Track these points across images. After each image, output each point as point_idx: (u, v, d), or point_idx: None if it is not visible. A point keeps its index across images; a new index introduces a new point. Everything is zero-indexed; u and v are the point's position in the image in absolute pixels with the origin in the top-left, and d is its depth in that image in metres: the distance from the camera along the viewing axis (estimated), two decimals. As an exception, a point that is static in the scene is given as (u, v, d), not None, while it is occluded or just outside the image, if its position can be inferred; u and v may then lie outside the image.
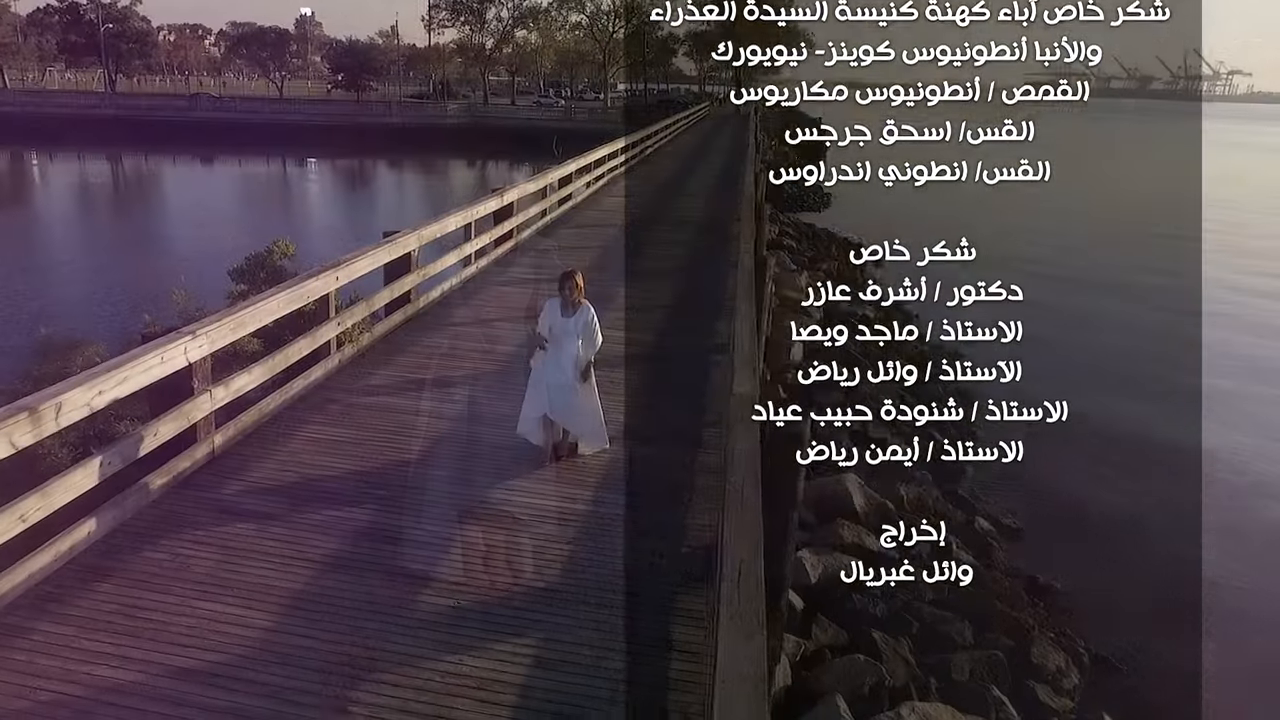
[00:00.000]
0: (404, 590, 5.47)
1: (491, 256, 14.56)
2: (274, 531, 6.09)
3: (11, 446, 5.04)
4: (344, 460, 7.25)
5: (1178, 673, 10.27)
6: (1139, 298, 29.79)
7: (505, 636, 5.06)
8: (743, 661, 3.16)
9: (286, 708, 4.43)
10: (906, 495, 11.81)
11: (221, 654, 4.81)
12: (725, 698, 3.07)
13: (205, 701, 4.45)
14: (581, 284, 7.41)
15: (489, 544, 6.04)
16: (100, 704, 4.40)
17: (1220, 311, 26.49)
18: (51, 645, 4.82)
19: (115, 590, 5.35)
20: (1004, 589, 10.84)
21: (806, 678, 7.57)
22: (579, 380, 7.31)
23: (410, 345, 10.31)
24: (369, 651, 4.86)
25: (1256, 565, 12.80)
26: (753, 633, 3.32)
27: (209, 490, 6.62)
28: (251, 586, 5.44)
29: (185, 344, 6.56)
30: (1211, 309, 26.62)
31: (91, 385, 5.66)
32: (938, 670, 8.59)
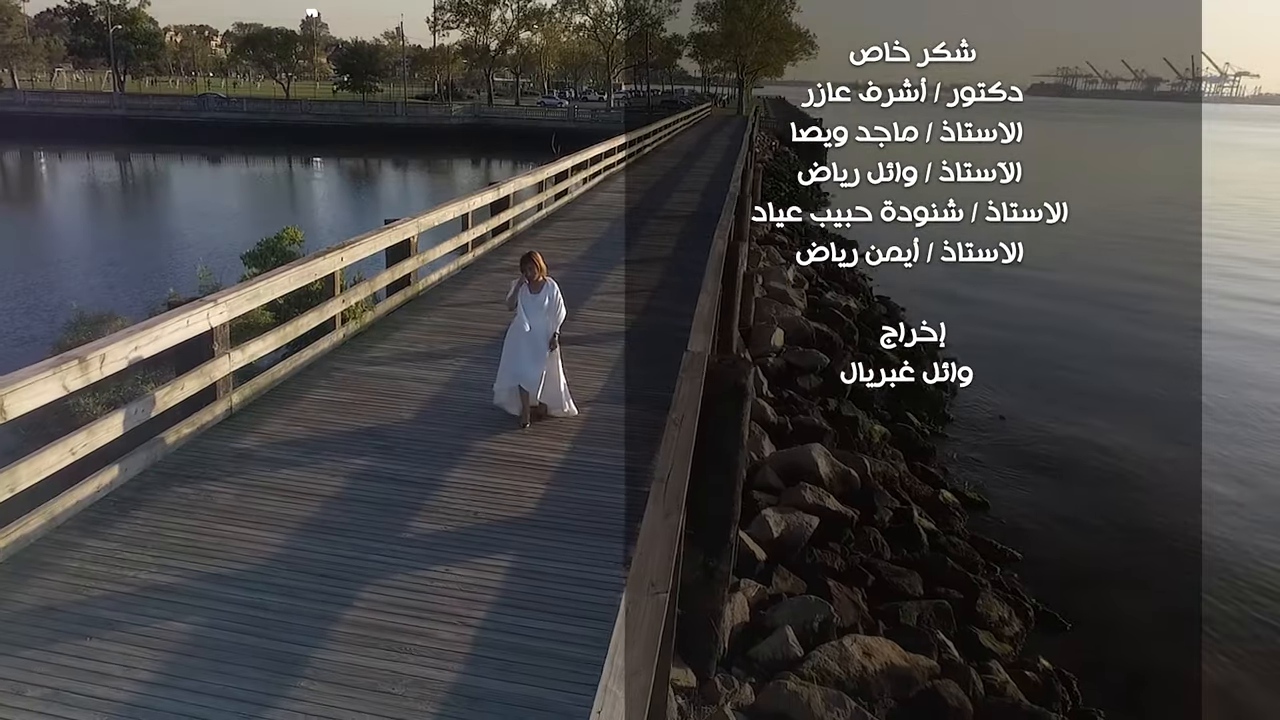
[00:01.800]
0: (397, 517, 6.32)
1: (488, 245, 15.41)
2: (285, 473, 6.95)
3: (64, 389, 5.90)
4: (347, 417, 8.11)
5: (1119, 629, 11.11)
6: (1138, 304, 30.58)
7: (486, 553, 5.90)
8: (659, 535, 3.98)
9: (299, 602, 5.27)
10: (872, 467, 12.60)
11: (242, 564, 5.66)
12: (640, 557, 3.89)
13: (231, 597, 5.30)
14: (542, 264, 8.12)
15: (471, 484, 6.89)
16: (142, 599, 5.25)
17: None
18: (98, 557, 5.68)
19: (149, 516, 6.21)
20: (960, 552, 11.65)
21: (763, 616, 8.40)
22: (546, 350, 8.07)
23: (409, 323, 11.17)
24: (366, 561, 5.72)
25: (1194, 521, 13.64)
26: (671, 511, 4.15)
27: (228, 440, 7.48)
28: (266, 515, 6.29)
29: (208, 310, 7.43)
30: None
31: (129, 341, 6.52)
32: (887, 615, 9.42)
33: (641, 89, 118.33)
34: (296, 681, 4.60)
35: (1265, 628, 11.22)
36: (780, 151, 68.13)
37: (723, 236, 11.26)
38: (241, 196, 52.36)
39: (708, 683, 7.04)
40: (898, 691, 7.85)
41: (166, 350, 7.10)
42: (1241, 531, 13.65)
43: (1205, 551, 12.92)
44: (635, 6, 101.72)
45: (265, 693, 4.50)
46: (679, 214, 21.90)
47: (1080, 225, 45.16)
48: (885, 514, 11.69)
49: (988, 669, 8.94)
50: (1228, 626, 11.22)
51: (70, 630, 4.93)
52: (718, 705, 6.77)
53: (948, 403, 18.38)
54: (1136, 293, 30.61)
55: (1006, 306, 27.47)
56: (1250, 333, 25.93)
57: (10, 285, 24.74)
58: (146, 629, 4.97)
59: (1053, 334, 24.85)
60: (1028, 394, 19.75)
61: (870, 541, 10.76)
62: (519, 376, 8.04)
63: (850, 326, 19.79)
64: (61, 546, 5.76)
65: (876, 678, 7.76)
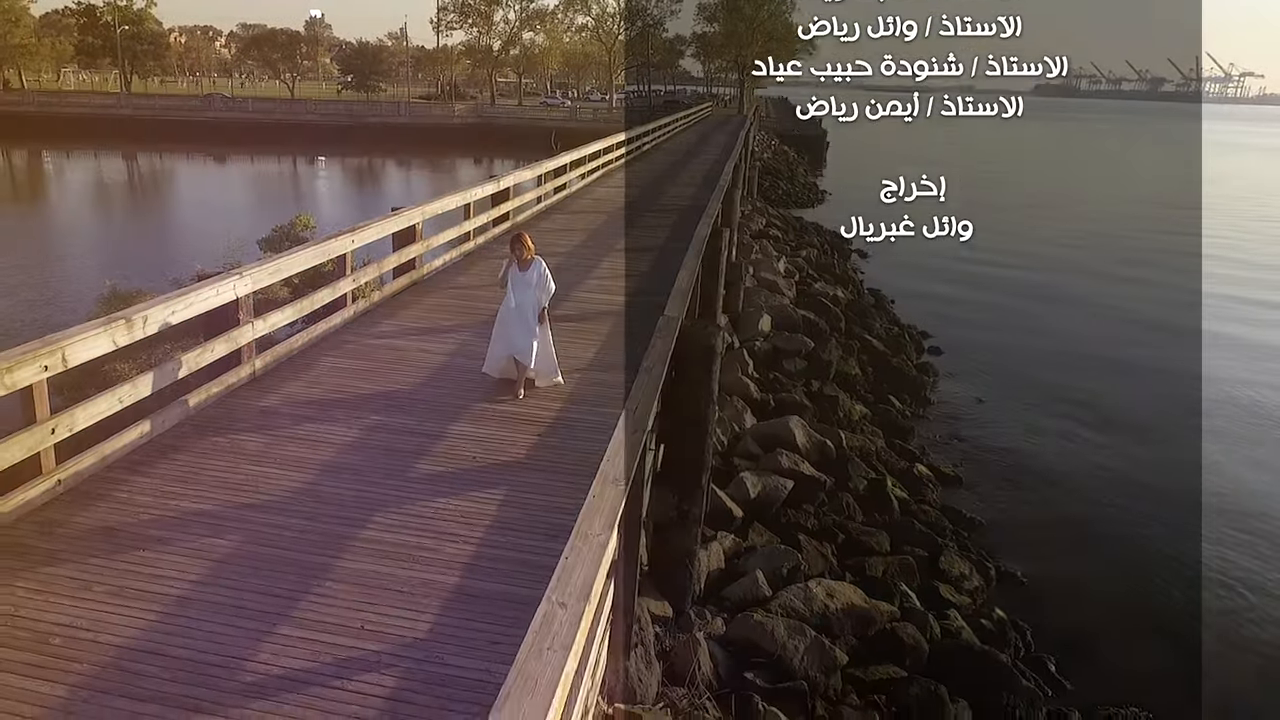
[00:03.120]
0: (405, 461, 7.14)
1: (489, 235, 16.21)
2: (305, 425, 7.77)
3: (113, 344, 6.73)
4: (358, 381, 8.93)
5: (1076, 592, 11.91)
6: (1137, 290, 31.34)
7: (483, 489, 6.72)
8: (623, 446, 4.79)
9: (322, 525, 6.09)
10: (849, 441, 13.40)
11: (270, 496, 6.48)
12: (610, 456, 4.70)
13: (262, 520, 6.12)
14: (530, 244, 8.83)
15: (470, 435, 7.71)
16: (186, 522, 6.06)
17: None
18: (145, 489, 6.50)
19: (187, 459, 7.03)
20: (930, 518, 12.46)
21: (736, 563, 9.22)
22: (535, 324, 8.83)
23: (414, 303, 11.98)
24: (379, 494, 6.54)
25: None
26: (635, 430, 4.95)
27: (252, 399, 8.30)
28: (290, 458, 7.11)
29: (234, 281, 8.25)
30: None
31: (167, 305, 7.35)
32: (854, 568, 10.23)
33: (644, 89, 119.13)
34: (322, 583, 5.42)
35: (1211, 583, 12.03)
36: (780, 150, 68.93)
37: (707, 222, 12.06)
38: (249, 194, 53.21)
39: (683, 615, 7.85)
40: (857, 629, 8.66)
41: (198, 316, 7.93)
42: (1193, 501, 14.46)
43: (1160, 517, 13.77)
44: (637, 7, 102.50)
45: (296, 590, 5.32)
46: (675, 207, 22.67)
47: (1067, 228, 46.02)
48: (859, 483, 12.49)
49: (945, 616, 9.76)
50: (1178, 584, 12.04)
51: (126, 545, 5.75)
52: (691, 633, 7.57)
53: (929, 386, 19.18)
54: (1123, 292, 31.39)
55: (993, 304, 28.30)
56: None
57: (32, 278, 25.61)
58: (191, 544, 5.79)
59: (1033, 329, 25.69)
60: (1006, 380, 20.53)
61: (843, 505, 11.56)
62: (511, 348, 8.77)
63: (837, 315, 20.59)
64: (112, 481, 6.58)
65: (838, 615, 8.57)
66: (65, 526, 5.94)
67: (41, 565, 5.49)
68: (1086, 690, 9.68)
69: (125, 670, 4.59)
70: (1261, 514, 14.29)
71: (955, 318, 25.63)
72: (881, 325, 21.88)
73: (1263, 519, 14.10)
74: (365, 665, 4.71)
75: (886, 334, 21.33)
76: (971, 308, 27.45)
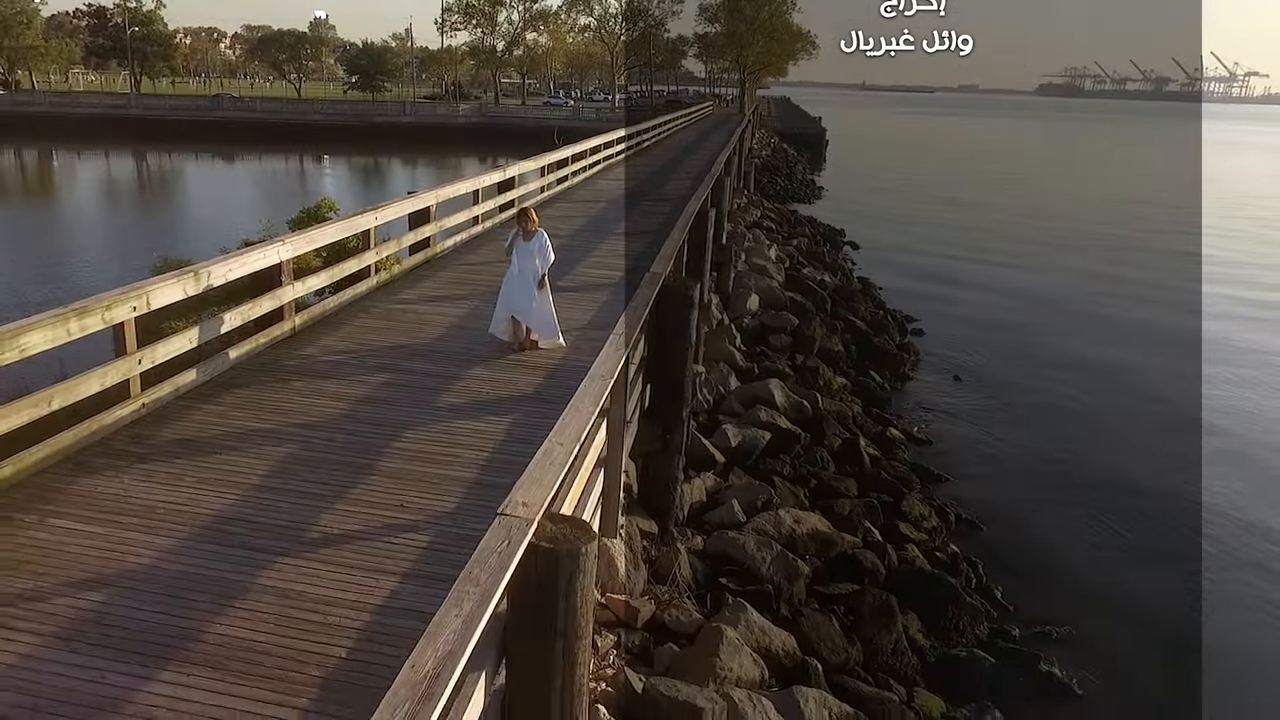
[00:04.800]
0: (428, 395, 8.41)
1: (496, 220, 17.48)
2: (341, 369, 9.04)
3: (183, 293, 8.00)
4: (384, 337, 10.20)
5: (1029, 536, 13.12)
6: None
7: (495, 415, 7.98)
8: (609, 357, 6.03)
9: (362, 439, 7.34)
10: (826, 405, 14.63)
11: (317, 419, 7.74)
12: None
13: (312, 435, 7.38)
14: (534, 216, 10.04)
15: (483, 377, 8.97)
16: (249, 435, 7.33)
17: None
18: (212, 414, 7.76)
19: (244, 391, 8.30)
20: (898, 473, 13.67)
21: (716, 496, 10.46)
22: (537, 289, 10.02)
23: (429, 277, 13.25)
24: (408, 417, 7.80)
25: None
26: (618, 348, 6.19)
27: (294, 349, 9.57)
28: (330, 392, 8.38)
29: (278, 247, 9.52)
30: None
31: (225, 264, 8.63)
32: (823, 509, 11.45)
33: (646, 89, 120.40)
34: (366, 477, 6.68)
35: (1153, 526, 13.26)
36: (779, 148, 70.16)
37: (696, 202, 13.32)
38: (258, 191, 54.48)
39: (667, 533, 9.10)
40: (821, 551, 9.90)
41: (247, 276, 9.20)
42: (1155, 461, 15.68)
43: (1121, 482, 15.00)
44: (638, 7, 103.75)
45: (345, 481, 6.58)
46: (672, 197, 23.87)
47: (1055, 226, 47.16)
48: (834, 441, 13.70)
49: (903, 549, 10.98)
50: (1135, 532, 13.25)
51: (204, 451, 7.02)
52: (674, 545, 8.82)
53: (909, 364, 20.38)
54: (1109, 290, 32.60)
55: (982, 295, 29.49)
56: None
57: (61, 269, 26.92)
58: (257, 451, 7.06)
59: (1017, 317, 26.93)
60: (984, 361, 21.69)
61: (816, 458, 12.79)
62: (514, 309, 9.96)
63: (824, 297, 21.81)
64: (185, 407, 7.85)
65: (803, 538, 9.81)
66: (152, 439, 7.21)
67: (137, 464, 6.75)
68: (1029, 613, 10.88)
69: (217, 530, 5.86)
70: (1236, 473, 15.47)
71: (942, 306, 26.82)
72: (867, 309, 23.08)
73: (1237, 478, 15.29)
74: (404, 528, 5.97)
75: (871, 316, 22.53)
76: (960, 298, 28.55)
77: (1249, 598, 11.84)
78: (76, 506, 6.06)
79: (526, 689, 3.75)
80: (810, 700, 6.84)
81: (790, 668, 7.66)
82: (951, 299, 28.18)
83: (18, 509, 5.98)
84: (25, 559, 5.41)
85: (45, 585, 5.16)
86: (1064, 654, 10.05)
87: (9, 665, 4.46)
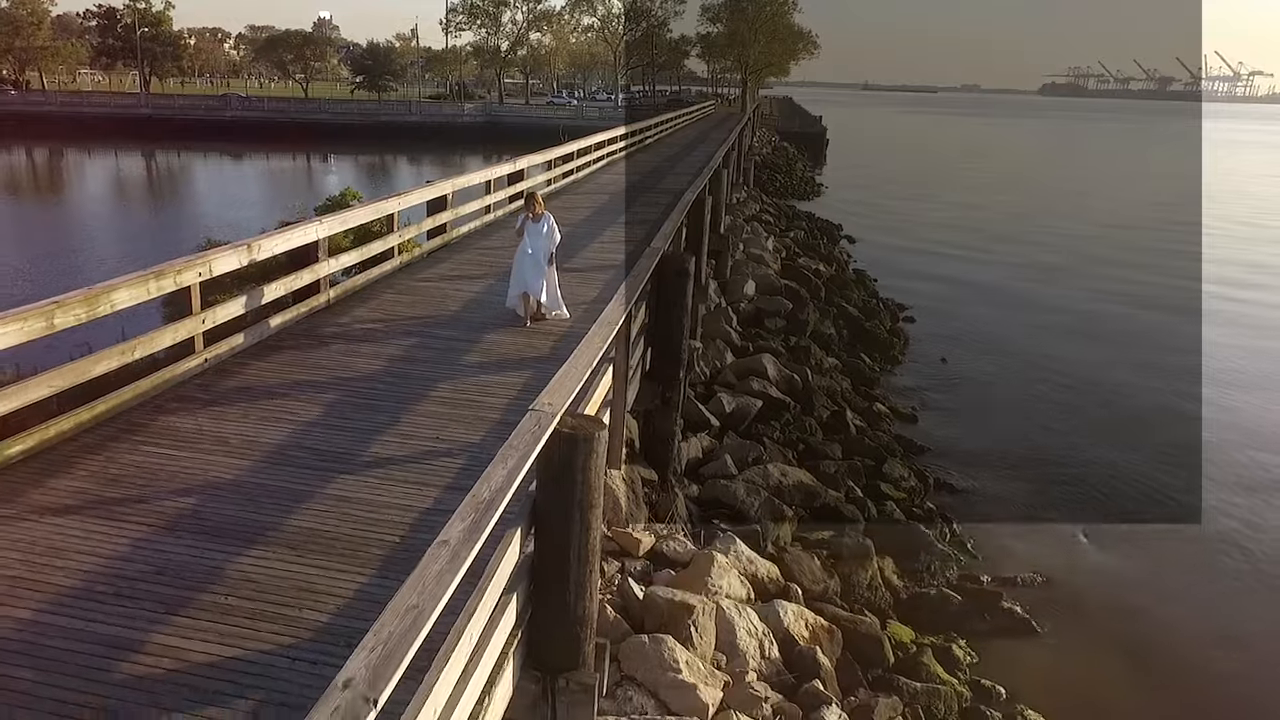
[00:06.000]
0: (456, 355, 9.47)
1: (506, 209, 18.54)
2: (374, 335, 10.10)
3: (239, 262, 9.06)
4: (410, 309, 11.26)
5: (1005, 501, 14.14)
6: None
7: (512, 371, 9.03)
8: (617, 308, 7.07)
9: (397, 388, 8.40)
10: (816, 381, 15.65)
11: (358, 374, 8.79)
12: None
13: (356, 384, 8.43)
14: (540, 200, 11.10)
15: (500, 341, 10.03)
16: (301, 384, 8.38)
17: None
18: (264, 369, 8.82)
19: (291, 352, 9.36)
20: (882, 441, 14.70)
21: (712, 454, 11.50)
22: (545, 265, 11.04)
23: (447, 259, 14.32)
24: (435, 373, 8.85)
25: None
26: (624, 301, 7.22)
27: (331, 318, 10.64)
28: (366, 353, 9.44)
29: (315, 226, 10.59)
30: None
31: (272, 239, 9.71)
32: (810, 468, 12.48)
33: (649, 89, 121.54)
34: (404, 416, 7.74)
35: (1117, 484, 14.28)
36: (779, 146, 71.15)
37: (694, 190, 14.37)
38: (267, 189, 55.59)
39: (666, 481, 10.14)
40: (805, 501, 10.94)
41: (289, 250, 10.26)
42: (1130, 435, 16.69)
43: (1100, 449, 16.02)
44: (641, 8, 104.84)
45: (386, 420, 7.64)
46: (673, 189, 24.91)
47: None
48: (822, 413, 14.74)
49: (883, 504, 12.01)
50: (1103, 498, 14.25)
51: (263, 397, 8.09)
52: (671, 490, 9.87)
53: (899, 348, 21.41)
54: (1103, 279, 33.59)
55: (974, 287, 30.50)
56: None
57: (82, 261, 28.02)
58: (308, 396, 8.12)
59: (1005, 308, 27.94)
60: (970, 346, 22.72)
61: (805, 426, 13.83)
62: (524, 285, 11.00)
63: (818, 285, 22.84)
64: (240, 363, 8.92)
65: (789, 489, 10.86)
66: (216, 387, 8.27)
67: (209, 406, 7.82)
68: (997, 563, 11.90)
69: (283, 455, 6.92)
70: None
71: (935, 297, 27.84)
72: (860, 296, 24.12)
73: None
74: (441, 454, 7.03)
75: (864, 304, 23.56)
76: (956, 292, 29.59)
77: (1204, 551, 12.86)
78: (161, 437, 7.13)
79: (550, 548, 4.77)
80: (789, 611, 7.88)
81: (773, 592, 8.69)
82: (947, 292, 29.15)
83: (113, 439, 7.04)
84: (127, 475, 6.47)
85: (147, 493, 6.22)
86: (1026, 596, 11.08)
87: (129, 547, 5.51)
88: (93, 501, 6.02)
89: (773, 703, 6.64)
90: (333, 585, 5.21)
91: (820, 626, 8.09)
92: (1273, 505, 14.30)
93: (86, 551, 5.40)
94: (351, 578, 5.30)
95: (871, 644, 8.52)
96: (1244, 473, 15.52)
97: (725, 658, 7.05)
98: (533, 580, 4.83)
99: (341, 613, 4.95)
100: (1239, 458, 16.18)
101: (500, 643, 4.52)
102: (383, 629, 2.91)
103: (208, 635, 4.70)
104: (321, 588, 5.18)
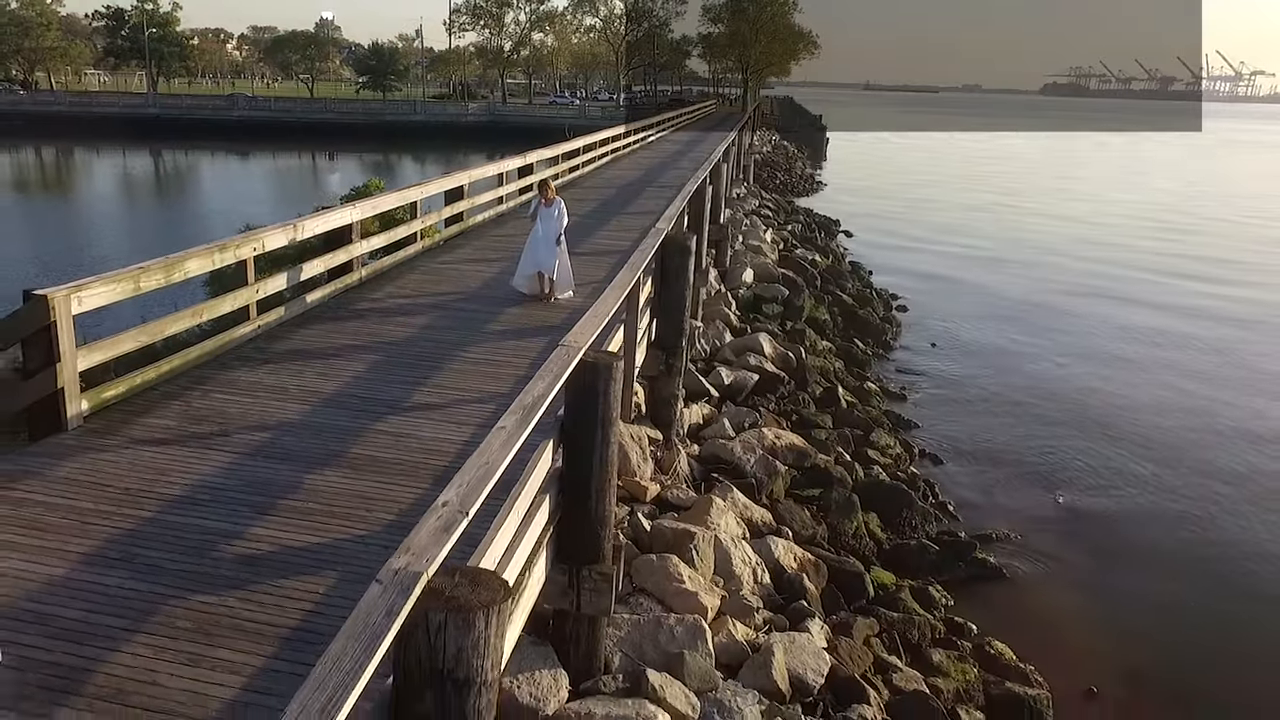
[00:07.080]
0: (478, 323, 10.50)
1: (516, 201, 19.57)
2: (403, 309, 11.13)
3: (287, 240, 10.11)
4: (433, 287, 12.29)
5: (985, 472, 15.13)
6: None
7: (528, 338, 10.05)
8: (627, 277, 8.08)
9: (429, 350, 9.42)
10: (810, 361, 16.65)
11: (392, 340, 9.82)
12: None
13: (392, 348, 9.45)
14: (552, 185, 12.14)
15: (517, 313, 11.05)
16: (343, 349, 9.41)
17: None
18: (309, 336, 9.84)
19: (330, 322, 10.39)
20: (870, 415, 15.70)
21: (710, 420, 12.50)
22: (556, 246, 12.03)
23: (464, 245, 15.36)
24: (461, 337, 9.88)
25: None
26: (633, 268, 8.24)
27: (363, 295, 11.68)
28: (397, 322, 10.48)
29: (349, 210, 11.63)
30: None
31: (313, 220, 10.76)
32: (802, 435, 13.48)
33: (650, 88, 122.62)
34: (436, 373, 8.77)
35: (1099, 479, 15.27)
36: (779, 145, 72.16)
37: (695, 180, 15.40)
38: (275, 187, 56.68)
39: (669, 440, 11.14)
40: (796, 461, 11.94)
41: (328, 231, 11.29)
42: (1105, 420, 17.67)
43: (1078, 431, 17.02)
44: (643, 8, 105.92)
45: (421, 375, 8.67)
46: (674, 184, 25.93)
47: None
48: (815, 389, 15.74)
49: (870, 468, 13.01)
50: (1082, 470, 15.24)
51: (312, 356, 9.12)
52: (674, 449, 10.87)
53: (890, 334, 22.41)
54: (1091, 273, 34.56)
55: (968, 282, 31.50)
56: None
57: (96, 255, 29.07)
58: (352, 356, 9.16)
59: (995, 302, 28.93)
60: (960, 332, 23.72)
61: (799, 400, 14.83)
62: (538, 264, 12.00)
63: (814, 274, 23.83)
64: (288, 330, 9.95)
65: (782, 450, 11.86)
66: (270, 349, 9.31)
67: (266, 364, 8.85)
68: (976, 522, 12.89)
69: (336, 401, 7.95)
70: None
71: (928, 288, 28.86)
72: (854, 286, 25.12)
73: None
74: (470, 400, 8.07)
75: (858, 293, 24.56)
76: (950, 285, 30.60)
77: (1171, 511, 13.85)
78: (230, 388, 8.16)
79: (576, 461, 5.78)
80: (780, 546, 8.90)
81: (766, 534, 9.70)
82: (941, 285, 30.16)
83: (187, 389, 8.07)
84: (206, 415, 7.50)
85: (226, 428, 7.25)
86: (1002, 550, 12.09)
87: (220, 468, 6.53)
88: (182, 435, 7.06)
89: (763, 614, 7.65)
90: (391, 495, 6.23)
91: (807, 560, 9.10)
92: (1235, 489, 15.31)
93: (186, 470, 6.43)
94: (407, 491, 6.32)
95: (854, 580, 9.52)
96: (1213, 457, 16.47)
97: (722, 580, 8.06)
98: (561, 487, 5.83)
99: (401, 515, 5.96)
100: (1209, 440, 17.17)
101: (534, 538, 5.52)
102: (465, 475, 3.92)
103: (293, 529, 5.73)
104: (381, 497, 6.21)
